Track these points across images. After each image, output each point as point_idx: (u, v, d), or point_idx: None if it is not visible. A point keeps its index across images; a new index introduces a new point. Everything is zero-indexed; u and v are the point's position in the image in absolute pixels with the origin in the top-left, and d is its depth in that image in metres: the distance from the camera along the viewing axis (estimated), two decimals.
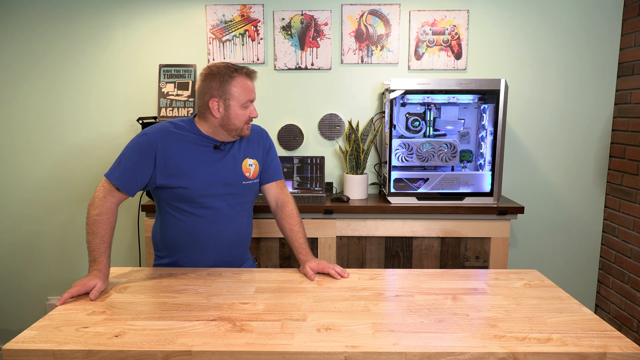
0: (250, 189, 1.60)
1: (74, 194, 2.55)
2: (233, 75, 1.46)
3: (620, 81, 2.41)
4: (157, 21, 2.42)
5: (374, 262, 2.22)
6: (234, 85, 1.46)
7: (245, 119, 1.51)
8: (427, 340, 1.06)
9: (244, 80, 1.48)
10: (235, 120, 1.49)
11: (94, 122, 2.49)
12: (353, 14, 2.39)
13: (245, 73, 1.49)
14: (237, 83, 1.47)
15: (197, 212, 1.52)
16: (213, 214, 1.53)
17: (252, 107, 1.52)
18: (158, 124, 1.53)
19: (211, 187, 1.51)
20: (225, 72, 1.46)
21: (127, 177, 1.44)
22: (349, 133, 2.41)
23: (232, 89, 1.46)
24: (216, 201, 1.53)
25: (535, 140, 2.49)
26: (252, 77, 1.51)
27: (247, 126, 1.53)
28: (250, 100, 1.50)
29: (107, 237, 1.41)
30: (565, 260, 2.58)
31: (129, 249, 2.60)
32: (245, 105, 1.49)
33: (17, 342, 1.05)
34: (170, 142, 1.48)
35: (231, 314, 1.20)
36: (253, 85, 1.51)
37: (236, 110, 1.48)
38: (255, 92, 1.53)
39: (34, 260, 2.61)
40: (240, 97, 1.47)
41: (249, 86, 1.49)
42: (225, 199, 1.54)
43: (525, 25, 2.40)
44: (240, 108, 1.49)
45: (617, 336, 1.08)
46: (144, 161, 1.45)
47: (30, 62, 2.44)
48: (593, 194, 2.52)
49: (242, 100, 1.48)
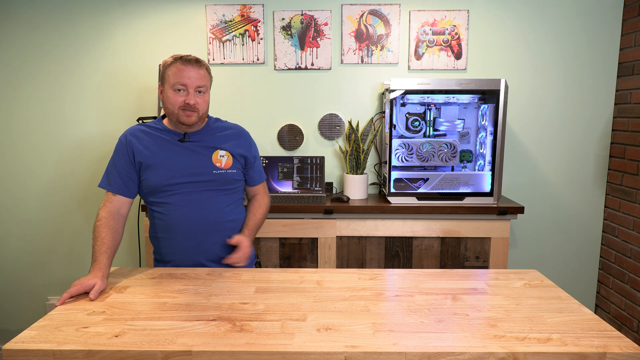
0: (225, 178, 1.63)
1: (74, 194, 2.55)
2: (170, 61, 1.55)
3: (620, 81, 2.41)
4: (157, 21, 2.42)
5: (374, 262, 2.22)
6: (168, 70, 1.54)
7: (178, 104, 1.54)
8: (427, 340, 1.06)
9: (177, 65, 1.53)
10: (168, 104, 1.55)
11: (94, 122, 2.50)
12: (353, 14, 2.39)
13: (180, 58, 1.54)
14: (171, 68, 1.54)
15: (166, 201, 1.58)
16: (181, 200, 1.57)
17: (187, 93, 1.53)
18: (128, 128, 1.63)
19: (176, 177, 1.56)
20: (168, 59, 1.56)
21: (113, 178, 1.56)
22: (349, 133, 2.41)
23: (167, 72, 1.55)
24: (184, 188, 1.57)
25: (535, 140, 2.49)
26: (188, 63, 1.53)
27: (184, 112, 1.54)
28: (182, 84, 1.52)
29: (107, 240, 1.46)
30: (565, 260, 2.58)
31: (129, 249, 2.60)
32: (175, 88, 1.53)
33: (17, 342, 1.05)
34: (139, 139, 1.58)
35: (231, 314, 1.19)
36: (189, 71, 1.53)
37: (168, 92, 1.54)
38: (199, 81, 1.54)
39: (34, 260, 2.61)
40: (170, 80, 1.53)
41: (181, 69, 1.52)
42: (195, 187, 1.59)
43: (525, 25, 2.40)
44: (172, 91, 1.53)
45: (617, 336, 1.08)
46: (123, 160, 1.57)
47: (31, 62, 2.44)
48: (593, 194, 2.52)
49: (171, 82, 1.53)
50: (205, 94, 1.58)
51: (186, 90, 1.53)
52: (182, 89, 1.53)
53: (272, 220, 2.17)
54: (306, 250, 2.22)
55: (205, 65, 1.58)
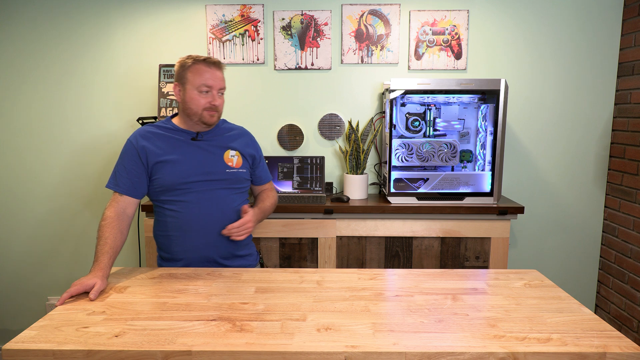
0: (237, 177, 1.66)
1: (74, 194, 2.55)
2: (190, 62, 1.58)
3: (620, 81, 2.41)
4: (157, 21, 2.42)
5: (374, 262, 2.22)
6: (190, 71, 1.57)
7: (203, 105, 1.58)
8: (427, 340, 1.06)
9: (199, 66, 1.57)
10: (191, 104, 1.58)
11: (94, 122, 2.49)
12: (353, 14, 2.39)
13: (203, 60, 1.58)
14: (194, 69, 1.57)
15: (181, 199, 1.59)
16: (196, 199, 1.60)
17: (212, 94, 1.58)
18: (137, 129, 1.65)
19: (191, 175, 1.59)
20: (186, 61, 1.59)
21: (121, 179, 1.57)
22: (349, 133, 2.41)
23: (188, 74, 1.58)
24: (198, 187, 1.60)
25: (535, 140, 2.49)
26: (211, 65, 1.58)
27: (208, 113, 1.59)
28: (207, 85, 1.57)
29: (110, 240, 1.46)
30: (565, 260, 2.58)
31: (129, 249, 2.60)
32: (201, 90, 1.57)
33: (17, 342, 1.05)
34: (150, 140, 1.60)
35: (231, 314, 1.20)
36: (213, 73, 1.58)
37: (191, 93, 1.57)
38: (221, 83, 1.60)
39: (34, 260, 2.61)
40: (194, 81, 1.57)
41: (205, 70, 1.57)
42: (210, 185, 1.61)
43: (525, 25, 2.40)
44: (196, 92, 1.57)
45: (617, 336, 1.08)
46: (132, 162, 1.58)
47: (31, 63, 2.44)
48: (593, 193, 2.52)
49: (196, 84, 1.56)
50: (223, 95, 1.64)
51: (211, 92, 1.58)
52: (207, 91, 1.57)
53: (272, 220, 2.17)
54: (306, 250, 2.22)
55: (223, 67, 1.64)
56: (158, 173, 1.58)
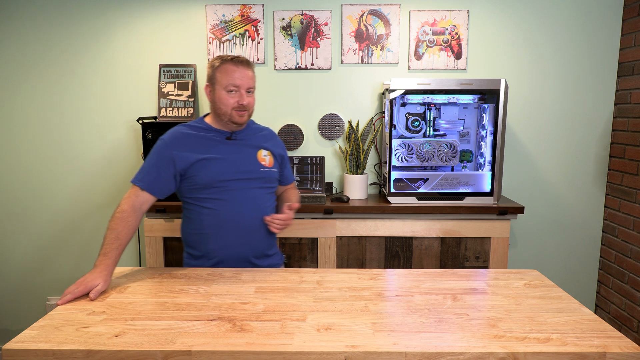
0: (270, 176, 1.69)
1: (73, 193, 2.55)
2: (218, 63, 1.60)
3: (620, 81, 2.41)
4: (157, 21, 2.42)
5: (374, 262, 2.22)
6: (218, 71, 1.59)
7: (232, 104, 1.58)
8: (427, 340, 1.06)
9: (229, 66, 1.58)
10: (220, 104, 1.59)
11: (94, 122, 2.49)
12: (353, 14, 2.39)
13: (231, 60, 1.59)
14: (222, 69, 1.58)
15: (218, 197, 1.60)
16: (233, 197, 1.61)
17: (240, 94, 1.58)
18: (171, 129, 1.65)
19: (228, 173, 1.60)
20: (216, 61, 1.61)
21: (148, 177, 1.57)
22: (349, 133, 2.41)
23: (217, 74, 1.59)
24: (235, 185, 1.61)
25: (536, 140, 2.49)
26: (239, 64, 1.58)
27: (237, 113, 1.60)
28: (235, 85, 1.57)
29: (122, 235, 1.46)
30: (565, 260, 2.58)
31: (129, 249, 2.60)
32: (228, 89, 1.58)
33: (17, 342, 1.05)
34: (184, 140, 1.60)
35: (231, 314, 1.20)
36: (241, 72, 1.58)
37: (220, 93, 1.59)
38: (250, 82, 1.60)
39: (34, 260, 2.61)
40: (222, 81, 1.58)
41: (232, 70, 1.58)
42: (246, 184, 1.63)
43: (525, 25, 2.40)
44: (224, 92, 1.58)
45: (617, 336, 1.08)
46: (164, 161, 1.57)
47: (31, 62, 2.44)
48: (593, 193, 2.52)
49: (224, 84, 1.57)
50: (253, 94, 1.64)
51: (238, 91, 1.58)
52: (234, 90, 1.58)
53: None
54: (306, 250, 2.22)
55: (253, 66, 1.64)
56: (194, 171, 1.57)
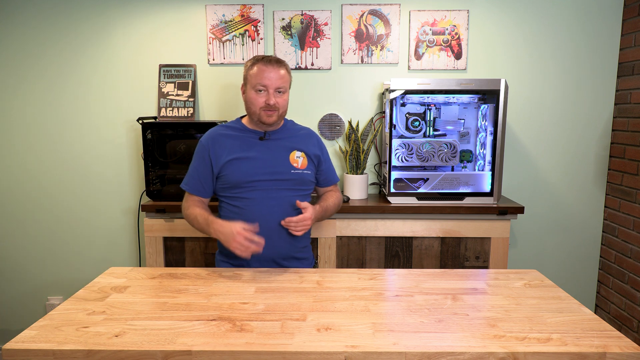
0: (302, 178, 1.68)
1: (74, 193, 2.55)
2: (250, 63, 1.64)
3: (620, 81, 2.41)
4: (157, 21, 2.42)
5: (374, 262, 2.22)
6: (249, 71, 1.63)
7: (260, 104, 1.60)
8: (427, 340, 1.06)
9: (258, 66, 1.61)
10: (250, 104, 1.63)
11: (93, 122, 2.49)
12: (353, 14, 2.39)
13: (262, 59, 1.61)
14: (253, 68, 1.62)
15: (245, 196, 1.63)
16: (260, 197, 1.62)
17: (268, 93, 1.60)
18: (209, 129, 1.72)
19: (258, 174, 1.62)
20: (249, 61, 1.65)
21: (192, 180, 1.67)
22: (349, 133, 2.41)
23: (249, 74, 1.63)
24: (263, 185, 1.62)
25: (535, 140, 2.49)
26: (268, 64, 1.60)
27: (265, 113, 1.61)
28: (262, 84, 1.59)
29: (203, 211, 1.61)
30: (565, 260, 2.58)
31: (129, 249, 2.60)
32: (257, 89, 1.60)
33: (17, 342, 1.05)
34: (220, 140, 1.65)
35: (231, 314, 1.20)
36: (270, 72, 1.59)
37: (250, 93, 1.62)
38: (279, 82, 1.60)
39: (34, 261, 2.61)
40: (252, 81, 1.61)
41: (262, 70, 1.59)
42: (275, 185, 1.63)
43: (525, 25, 2.40)
44: (253, 92, 1.61)
45: (617, 336, 1.08)
46: (203, 163, 1.65)
47: (30, 62, 2.44)
48: (593, 193, 2.52)
49: (253, 83, 1.61)
50: (284, 94, 1.64)
51: (266, 91, 1.59)
52: (262, 90, 1.60)
53: None
54: None
55: (285, 66, 1.64)
56: (226, 170, 1.62)
